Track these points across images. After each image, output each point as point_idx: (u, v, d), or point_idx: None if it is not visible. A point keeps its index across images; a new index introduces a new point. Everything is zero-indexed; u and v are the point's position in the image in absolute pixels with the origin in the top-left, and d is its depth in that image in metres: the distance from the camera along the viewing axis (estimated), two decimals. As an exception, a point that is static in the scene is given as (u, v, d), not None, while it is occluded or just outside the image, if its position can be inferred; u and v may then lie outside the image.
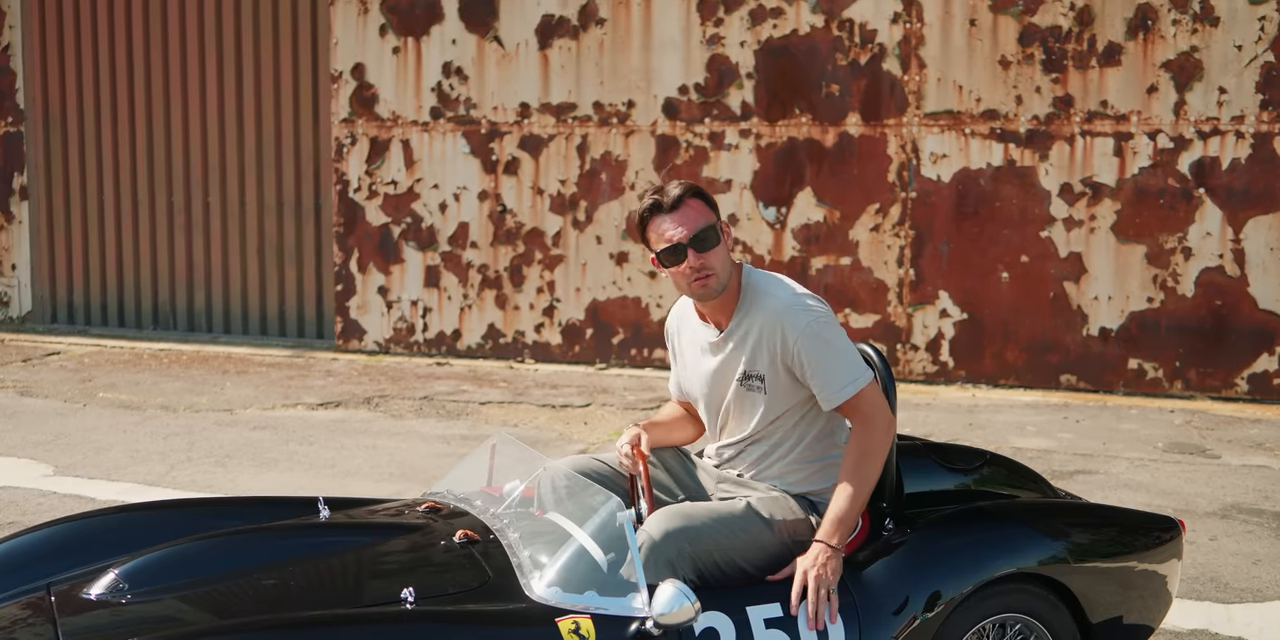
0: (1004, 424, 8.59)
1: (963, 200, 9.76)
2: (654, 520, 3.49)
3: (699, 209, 3.59)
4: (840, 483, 3.54)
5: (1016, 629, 3.74)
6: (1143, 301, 9.48)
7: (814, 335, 3.56)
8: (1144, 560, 4.01)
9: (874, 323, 10.01)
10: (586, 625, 3.18)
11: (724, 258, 3.60)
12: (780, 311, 3.58)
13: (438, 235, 11.06)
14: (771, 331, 3.59)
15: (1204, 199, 9.30)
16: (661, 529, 3.45)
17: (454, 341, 11.10)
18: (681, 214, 3.57)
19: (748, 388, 3.66)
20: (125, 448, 7.80)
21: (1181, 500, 6.80)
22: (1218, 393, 9.38)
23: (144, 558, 3.44)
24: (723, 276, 3.60)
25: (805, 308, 3.60)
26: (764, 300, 3.62)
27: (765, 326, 3.60)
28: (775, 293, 3.64)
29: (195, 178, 12.19)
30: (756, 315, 3.62)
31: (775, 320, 3.58)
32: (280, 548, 3.56)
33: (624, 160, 10.53)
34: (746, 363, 3.64)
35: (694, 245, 3.55)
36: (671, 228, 3.56)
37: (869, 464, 3.54)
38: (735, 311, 3.67)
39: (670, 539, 3.43)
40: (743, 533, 3.54)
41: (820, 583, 3.43)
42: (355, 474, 7.25)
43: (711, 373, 3.73)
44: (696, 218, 3.57)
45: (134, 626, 3.11)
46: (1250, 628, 5.03)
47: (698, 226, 3.56)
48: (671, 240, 3.56)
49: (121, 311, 12.64)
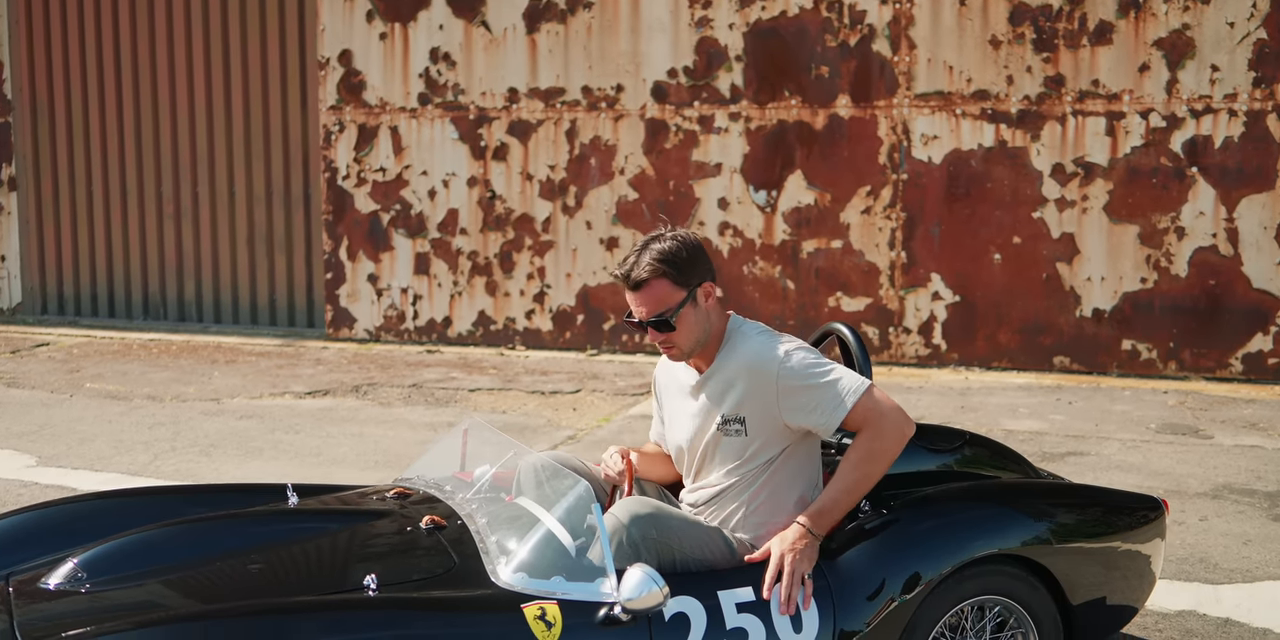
0: (996, 406, 8.53)
1: (954, 182, 9.68)
2: (623, 505, 3.44)
3: (661, 290, 3.53)
4: (839, 474, 3.48)
5: (995, 611, 3.68)
6: (1136, 282, 9.41)
7: (794, 364, 3.50)
8: (1127, 540, 3.95)
9: (866, 306, 9.94)
10: (553, 611, 3.12)
11: (689, 330, 3.56)
12: (759, 352, 3.54)
13: (427, 222, 10.99)
14: (754, 374, 3.53)
15: (1197, 178, 9.22)
16: (630, 513, 3.40)
17: (444, 329, 11.04)
18: (643, 295, 3.55)
19: (725, 432, 3.59)
20: (110, 438, 7.74)
21: (1173, 481, 6.73)
22: (1212, 373, 9.31)
23: (103, 546, 3.38)
24: (687, 347, 3.58)
25: (781, 343, 3.56)
26: (744, 346, 3.59)
27: (748, 370, 3.54)
28: (755, 339, 3.60)
29: (184, 167, 12.12)
30: (737, 360, 3.58)
31: (756, 362, 3.53)
32: (245, 535, 3.51)
33: (613, 145, 10.45)
34: (727, 407, 3.58)
35: (652, 325, 3.56)
36: (634, 304, 3.57)
37: (873, 464, 3.46)
38: (716, 356, 3.64)
39: (638, 523, 3.37)
40: (708, 542, 3.51)
41: (795, 566, 3.37)
42: (340, 462, 7.19)
43: (692, 415, 3.69)
44: (657, 303, 3.53)
45: (90, 616, 3.06)
46: (1239, 608, 4.97)
47: (656, 311, 3.54)
48: (634, 316, 3.59)
49: (112, 302, 12.58)
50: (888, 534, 3.56)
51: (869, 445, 3.45)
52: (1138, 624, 4.78)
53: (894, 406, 3.47)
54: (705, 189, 10.23)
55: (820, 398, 3.47)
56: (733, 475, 3.60)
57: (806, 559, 3.40)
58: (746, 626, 3.30)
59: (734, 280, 10.19)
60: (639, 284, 3.53)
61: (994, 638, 3.70)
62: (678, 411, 3.75)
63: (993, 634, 3.70)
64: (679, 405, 3.74)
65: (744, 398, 3.55)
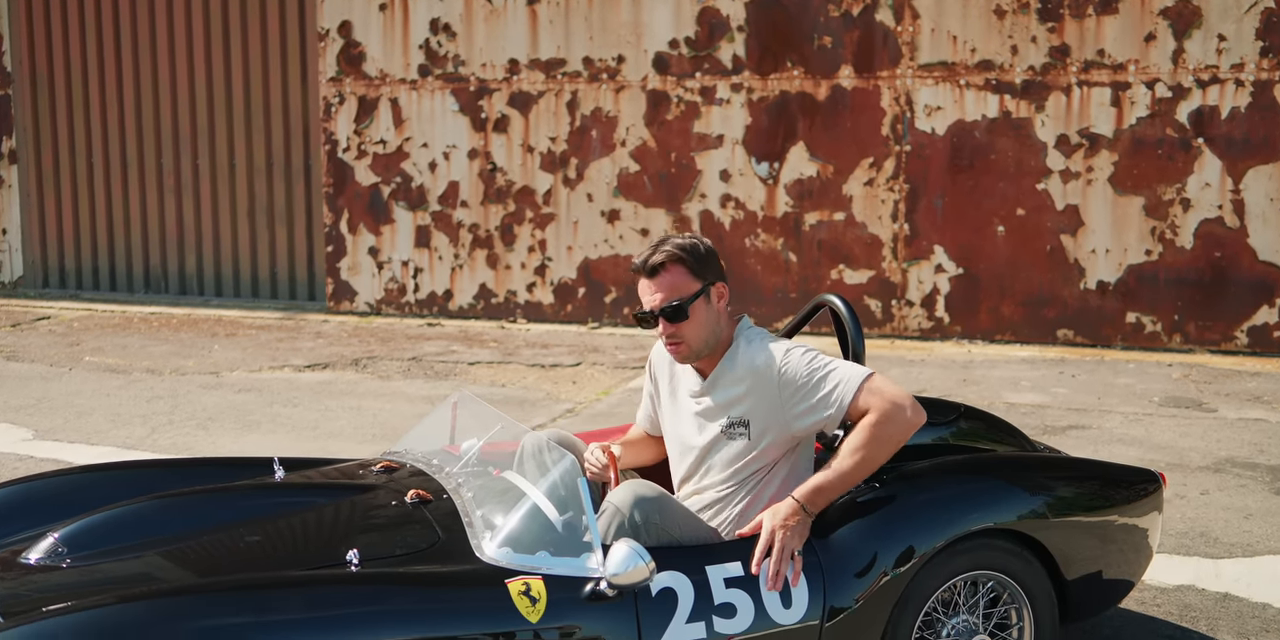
0: (999, 379, 8.48)
1: (957, 153, 9.60)
2: (626, 486, 3.40)
3: (679, 277, 3.50)
4: (840, 455, 3.41)
5: (989, 586, 3.64)
6: (1141, 254, 9.33)
7: (793, 363, 3.45)
8: (1123, 514, 3.90)
9: (869, 278, 9.88)
10: (538, 586, 3.08)
11: (700, 326, 3.51)
12: (762, 357, 3.50)
13: (427, 195, 10.93)
14: (758, 377, 3.49)
15: (1203, 149, 9.13)
16: (633, 494, 3.36)
17: (445, 302, 11.00)
18: (659, 281, 3.50)
19: (729, 436, 3.55)
20: (107, 411, 7.71)
21: (1175, 454, 6.68)
22: (1217, 346, 9.25)
23: (85, 521, 3.35)
24: (696, 346, 3.53)
25: (784, 347, 3.51)
26: (749, 351, 3.54)
27: (753, 374, 3.50)
28: (760, 344, 3.55)
29: (184, 139, 12.06)
30: (742, 365, 3.53)
31: (759, 366, 3.49)
32: (228, 509, 3.47)
33: (614, 116, 10.37)
34: (732, 411, 3.53)
35: (665, 314, 3.49)
36: (648, 292, 3.51)
37: (875, 447, 3.38)
38: (721, 360, 3.59)
39: (642, 506, 3.33)
40: (707, 536, 3.46)
41: (785, 542, 3.33)
42: (338, 436, 7.16)
43: (694, 415, 3.63)
44: (673, 289, 3.49)
45: (71, 590, 3.03)
46: (1238, 583, 4.92)
47: (671, 299, 3.48)
48: (646, 305, 3.52)
49: (113, 276, 12.54)
50: (879, 508, 3.51)
51: (872, 430, 3.38)
52: (1135, 599, 4.74)
53: (900, 392, 3.41)
54: (707, 161, 10.15)
55: (822, 392, 3.42)
56: (733, 478, 3.57)
57: (797, 535, 3.35)
58: (735, 602, 3.26)
59: (736, 253, 10.12)
60: (656, 268, 3.49)
61: (987, 613, 3.66)
62: (679, 410, 3.69)
63: (986, 609, 3.66)
64: (681, 403, 3.69)
65: (748, 402, 3.51)
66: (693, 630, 3.20)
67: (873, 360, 9.04)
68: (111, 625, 2.74)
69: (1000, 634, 3.68)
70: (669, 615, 3.18)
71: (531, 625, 3.04)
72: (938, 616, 3.58)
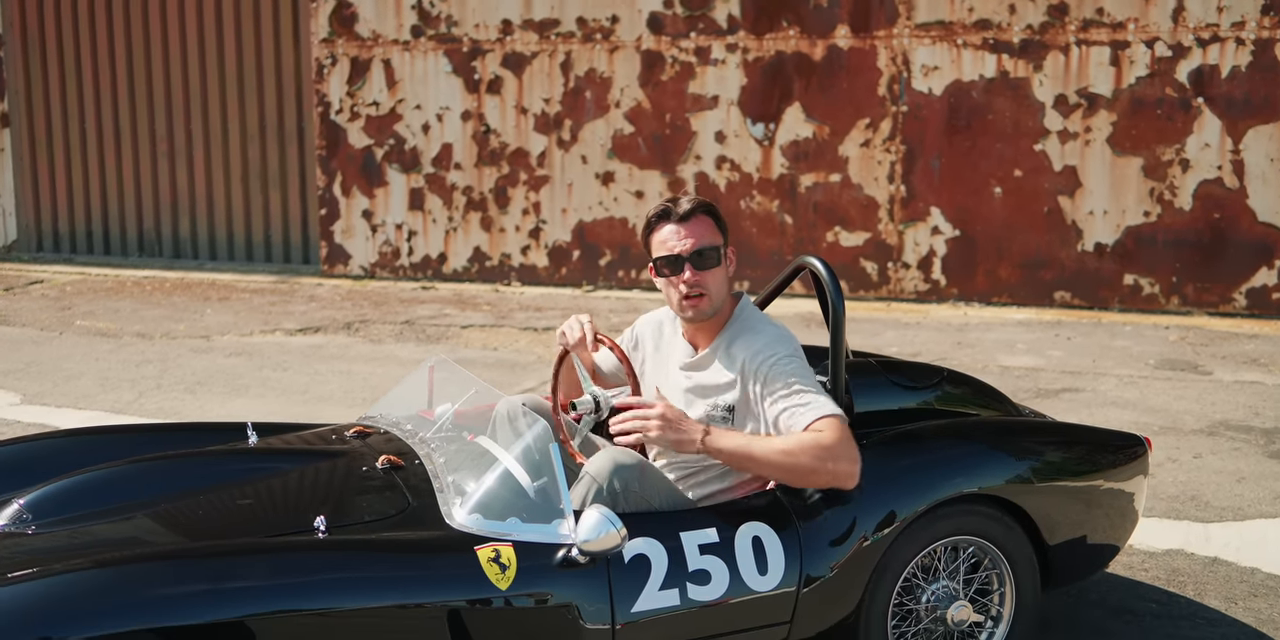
0: (994, 342, 8.41)
1: (955, 113, 9.50)
2: (606, 453, 3.34)
3: (707, 226, 3.45)
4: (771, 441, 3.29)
5: (969, 552, 3.59)
6: (1139, 215, 9.25)
7: (784, 369, 3.36)
8: (1108, 479, 3.84)
9: (865, 240, 9.80)
10: (508, 553, 3.03)
11: (721, 282, 3.45)
12: (759, 349, 3.41)
13: (421, 157, 10.84)
14: (748, 366, 3.41)
15: (1202, 109, 9.02)
16: (615, 462, 3.30)
17: (440, 265, 10.93)
18: (690, 226, 3.42)
19: (712, 418, 3.48)
20: (96, 375, 7.67)
21: (1169, 417, 6.63)
22: (1215, 308, 9.18)
23: (51, 487, 3.31)
24: (715, 301, 3.45)
25: (786, 343, 3.44)
26: (752, 333, 3.46)
27: (745, 362, 3.42)
28: (766, 328, 3.48)
29: (177, 102, 11.96)
30: (740, 348, 3.45)
31: (753, 356, 3.41)
32: (197, 475, 3.43)
33: (609, 77, 10.26)
34: (719, 395, 3.47)
35: (693, 261, 3.41)
36: (676, 238, 3.42)
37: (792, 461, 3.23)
38: (718, 336, 3.51)
39: (621, 474, 3.27)
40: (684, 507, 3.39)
41: (656, 429, 3.22)
42: (327, 400, 7.12)
43: (684, 393, 3.55)
44: (704, 234, 3.43)
45: (34, 557, 2.98)
46: (1228, 547, 4.88)
47: (702, 243, 3.41)
48: (673, 250, 3.42)
49: (107, 239, 12.48)
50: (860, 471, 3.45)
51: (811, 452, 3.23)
52: (1123, 563, 4.70)
53: (849, 442, 3.28)
54: (702, 122, 10.05)
55: (788, 405, 3.33)
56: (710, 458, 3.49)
57: (671, 432, 3.24)
58: (709, 568, 3.21)
59: (731, 215, 10.04)
60: (688, 214, 3.43)
61: (968, 578, 3.62)
62: (669, 383, 3.61)
63: (967, 575, 3.62)
64: (671, 376, 3.60)
65: (736, 391, 3.44)
66: (666, 597, 3.15)
67: (868, 323, 8.99)
68: (73, 592, 2.70)
69: (981, 599, 3.64)
70: (642, 582, 3.14)
71: (501, 592, 3.00)
72: (917, 582, 3.54)
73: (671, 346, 3.64)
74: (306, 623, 2.84)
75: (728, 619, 3.24)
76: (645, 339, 3.74)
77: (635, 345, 3.76)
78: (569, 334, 3.59)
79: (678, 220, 3.43)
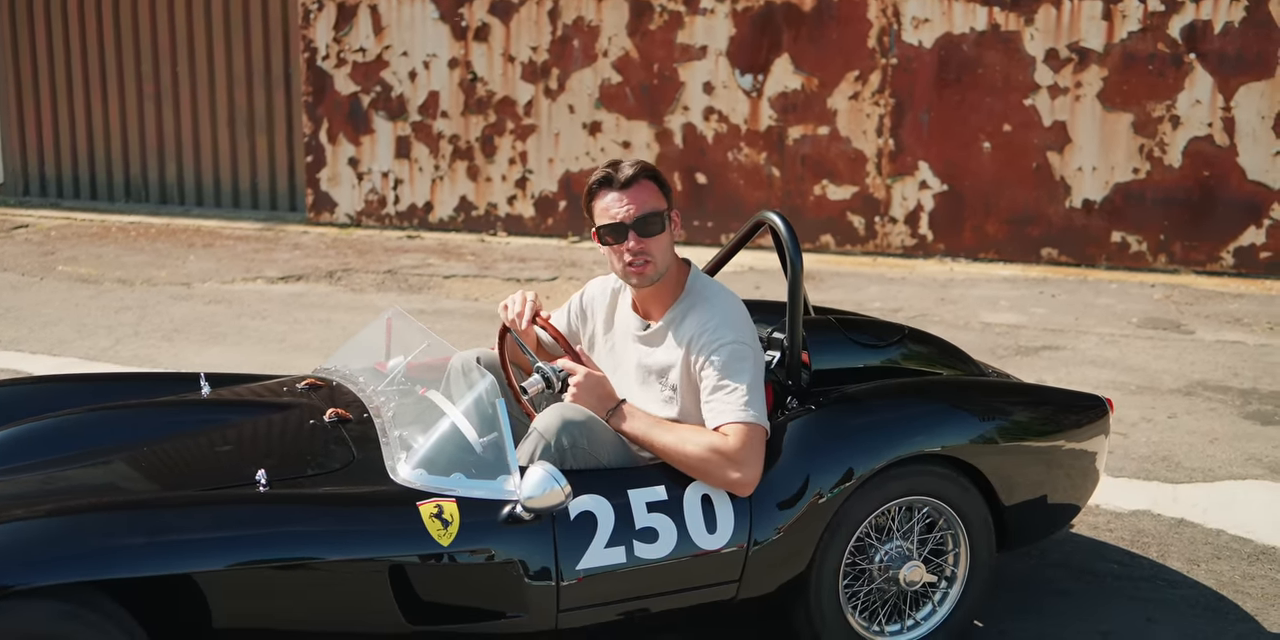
0: (977, 298, 8.37)
1: (945, 67, 9.39)
2: (555, 409, 3.29)
3: (650, 192, 3.37)
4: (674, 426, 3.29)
5: (924, 511, 3.57)
6: (1128, 172, 9.17)
7: (725, 358, 3.29)
8: (1069, 439, 3.82)
9: (852, 194, 9.72)
10: (450, 509, 3.01)
11: (666, 248, 3.38)
12: (718, 324, 3.34)
13: (407, 104, 10.74)
14: (694, 345, 3.35)
15: (1194, 65, 8.92)
16: (563, 418, 3.25)
17: (426, 214, 10.86)
18: (632, 193, 3.35)
19: (659, 392, 3.44)
20: (73, 322, 7.64)
21: (1147, 377, 6.60)
22: (1202, 267, 9.12)
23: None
24: (660, 267, 3.38)
25: (736, 327, 3.35)
26: (705, 307, 3.39)
27: (692, 340, 3.36)
28: (721, 304, 3.40)
29: (163, 46, 11.82)
30: (692, 321, 3.38)
31: (701, 335, 3.34)
32: (144, 426, 3.40)
33: (596, 26, 10.14)
34: (667, 372, 3.41)
35: (636, 227, 3.34)
36: (617, 205, 3.35)
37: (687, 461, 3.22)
38: (671, 308, 3.44)
39: (569, 430, 3.23)
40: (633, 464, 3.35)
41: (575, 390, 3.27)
42: (304, 349, 7.08)
43: (635, 368, 3.49)
44: (645, 200, 3.35)
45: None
46: (1195, 508, 4.86)
47: (644, 209, 3.34)
48: (616, 218, 3.35)
49: (94, 184, 12.40)
50: (811, 432, 3.42)
51: (705, 449, 3.21)
52: (1088, 523, 4.68)
53: (752, 451, 3.23)
54: (690, 72, 9.94)
55: (712, 398, 3.29)
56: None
57: (587, 396, 3.27)
58: (656, 526, 3.19)
59: (718, 168, 9.97)
60: (630, 181, 3.35)
61: (922, 538, 3.60)
62: (619, 356, 3.55)
63: (921, 535, 3.59)
64: (621, 350, 3.54)
65: (682, 366, 3.39)
66: (612, 554, 3.13)
67: (853, 278, 8.94)
68: (7, 542, 2.68)
69: (935, 560, 3.62)
70: (588, 539, 3.11)
71: (443, 548, 2.97)
72: (870, 542, 3.52)
73: (624, 317, 3.58)
74: (245, 576, 2.81)
75: (675, 577, 3.22)
76: (596, 309, 3.66)
77: (585, 316, 3.69)
78: (510, 308, 3.53)
79: (619, 187, 3.35)
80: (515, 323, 3.48)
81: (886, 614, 3.59)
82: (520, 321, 3.47)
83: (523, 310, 3.48)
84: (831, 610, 3.43)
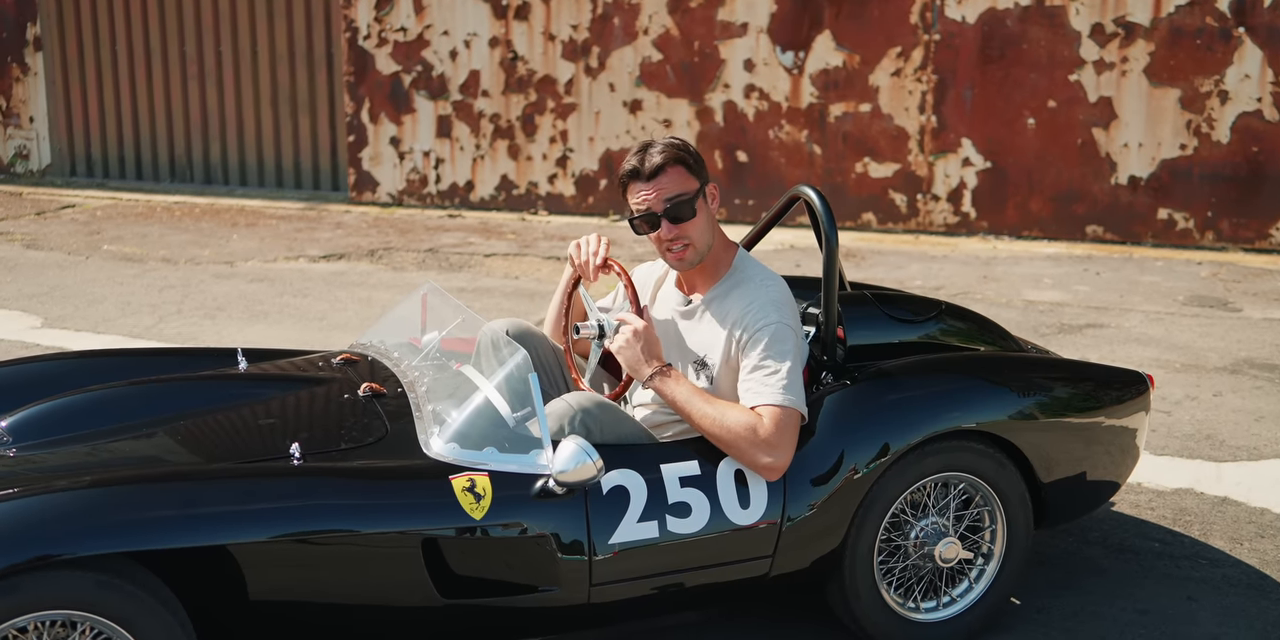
0: (1020, 276, 8.30)
1: (988, 43, 9.29)
2: (576, 395, 3.29)
3: (678, 178, 3.34)
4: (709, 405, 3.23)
5: (960, 488, 3.54)
6: (1175, 148, 9.05)
7: (768, 340, 3.26)
8: (1109, 416, 3.77)
9: (894, 172, 9.66)
10: (483, 482, 3.01)
11: (703, 228, 3.36)
12: (763, 304, 3.31)
13: (448, 84, 10.74)
14: (735, 326, 3.32)
15: (1243, 39, 8.78)
16: (590, 397, 3.27)
17: (467, 193, 10.88)
18: (658, 183, 3.33)
19: (696, 372, 3.42)
20: (118, 300, 7.70)
21: (1192, 355, 6.53)
22: (1250, 244, 9.00)
23: (32, 410, 3.32)
24: (700, 247, 3.37)
25: (782, 308, 3.33)
26: (750, 287, 3.36)
27: (734, 321, 3.33)
28: (766, 285, 3.37)
29: (206, 26, 11.88)
30: (734, 306, 3.36)
31: (744, 317, 3.31)
32: (180, 400, 3.42)
33: (637, 4, 10.10)
34: (704, 351, 3.39)
35: (667, 216, 3.32)
36: (647, 195, 3.34)
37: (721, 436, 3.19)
38: (715, 286, 3.43)
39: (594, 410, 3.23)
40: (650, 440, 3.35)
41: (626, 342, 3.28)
42: (343, 327, 7.11)
43: (669, 339, 3.47)
44: (673, 187, 3.32)
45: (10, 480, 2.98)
46: (1239, 487, 4.80)
47: (673, 197, 3.32)
48: (646, 208, 3.34)
49: (139, 164, 12.49)
50: (846, 407, 3.40)
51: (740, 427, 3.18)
52: (1130, 501, 4.64)
53: (785, 436, 3.20)
54: (731, 50, 9.89)
55: (751, 379, 3.26)
56: None
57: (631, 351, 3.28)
58: (690, 501, 3.17)
59: (759, 146, 9.92)
60: (656, 170, 3.32)
61: (959, 515, 3.57)
62: (657, 326, 3.52)
63: (957, 511, 3.57)
64: (660, 319, 3.53)
65: (720, 347, 3.36)
66: (645, 529, 3.13)
67: (895, 255, 8.88)
68: (38, 515, 2.70)
69: (972, 537, 3.59)
70: (620, 514, 3.11)
71: (476, 522, 2.98)
72: (906, 518, 3.50)
73: (668, 293, 3.57)
74: (278, 549, 2.83)
75: (708, 552, 3.21)
76: (647, 284, 3.66)
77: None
78: (584, 248, 3.51)
79: (646, 178, 3.34)
80: (587, 265, 3.47)
81: (922, 591, 3.57)
82: (594, 262, 3.46)
83: (597, 249, 3.48)
84: (867, 587, 3.42)
